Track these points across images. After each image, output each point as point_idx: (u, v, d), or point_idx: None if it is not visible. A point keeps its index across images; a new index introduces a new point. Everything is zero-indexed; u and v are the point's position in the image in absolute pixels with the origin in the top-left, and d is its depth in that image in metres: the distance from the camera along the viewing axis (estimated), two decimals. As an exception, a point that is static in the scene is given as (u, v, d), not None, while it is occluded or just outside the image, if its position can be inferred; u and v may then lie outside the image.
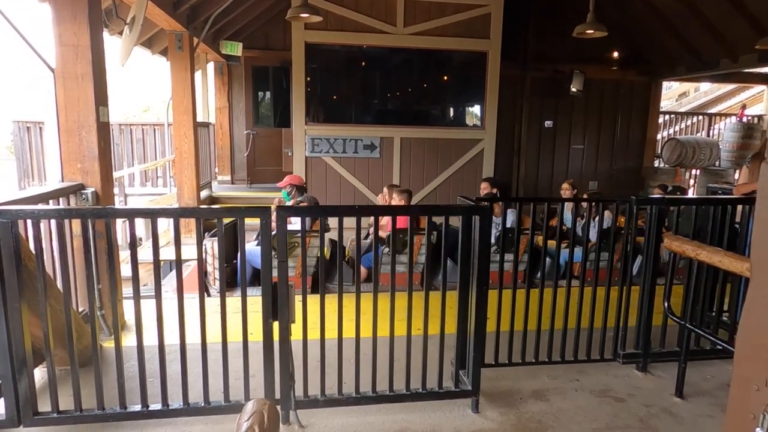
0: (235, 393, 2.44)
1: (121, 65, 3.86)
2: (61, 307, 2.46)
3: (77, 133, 3.25)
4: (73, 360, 2.32)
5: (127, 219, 2.38)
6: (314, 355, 2.44)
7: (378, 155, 7.23)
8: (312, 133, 7.04)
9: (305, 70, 6.87)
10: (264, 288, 2.33)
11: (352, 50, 7.30)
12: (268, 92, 9.45)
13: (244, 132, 9.02)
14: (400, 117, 7.58)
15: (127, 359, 2.72)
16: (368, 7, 6.88)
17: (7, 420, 2.29)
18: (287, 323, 2.37)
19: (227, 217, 2.46)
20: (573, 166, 9.48)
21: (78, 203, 3.26)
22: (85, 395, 2.35)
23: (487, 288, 2.57)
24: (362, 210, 2.44)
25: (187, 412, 2.43)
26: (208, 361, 2.38)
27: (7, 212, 2.14)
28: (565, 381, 2.94)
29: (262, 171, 8.95)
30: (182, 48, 5.97)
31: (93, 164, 3.30)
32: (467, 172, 7.42)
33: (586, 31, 5.16)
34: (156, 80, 20.11)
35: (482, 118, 7.60)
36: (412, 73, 7.66)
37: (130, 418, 2.40)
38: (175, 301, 2.34)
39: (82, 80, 3.20)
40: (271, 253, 2.32)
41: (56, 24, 3.16)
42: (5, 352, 2.21)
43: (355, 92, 7.66)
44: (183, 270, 2.61)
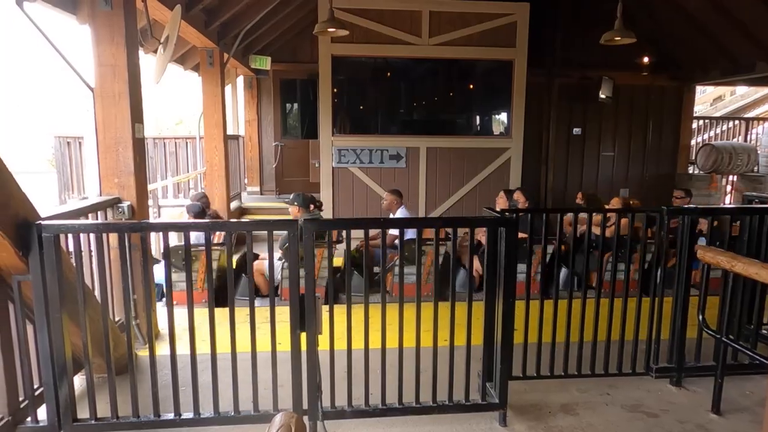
0: (264, 403, 2.49)
1: (155, 82, 4.01)
2: (99, 317, 2.55)
3: (114, 149, 3.38)
4: (110, 368, 2.41)
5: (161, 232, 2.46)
6: (341, 366, 2.47)
7: (404, 165, 7.26)
8: (339, 144, 7.12)
9: (332, 83, 6.97)
10: (291, 299, 2.37)
11: (378, 62, 7.38)
12: (296, 104, 9.62)
13: (272, 144, 9.19)
14: (426, 127, 7.60)
15: (161, 368, 2.79)
16: (393, 20, 6.95)
17: (48, 426, 2.38)
18: (314, 334, 2.41)
19: (256, 230, 2.52)
20: (603, 173, 9.31)
21: (115, 216, 3.39)
22: (120, 402, 2.43)
23: (513, 299, 2.56)
24: (387, 222, 2.46)
25: (217, 421, 2.48)
26: (238, 371, 2.44)
27: (51, 227, 2.24)
28: (595, 395, 2.88)
29: (290, 182, 9.09)
30: (213, 64, 6.14)
31: (129, 179, 3.43)
32: (494, 181, 7.37)
33: (614, 38, 5.08)
34: (188, 94, 20.68)
35: (509, 126, 7.55)
36: (438, 83, 7.69)
37: (163, 426, 2.46)
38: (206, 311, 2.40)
39: (119, 99, 3.33)
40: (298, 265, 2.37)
41: (95, 45, 3.31)
42: (47, 360, 2.32)
43: (381, 103, 7.73)
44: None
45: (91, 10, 3.29)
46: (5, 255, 2.20)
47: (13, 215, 2.16)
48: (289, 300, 2.37)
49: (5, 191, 2.14)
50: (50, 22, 3.72)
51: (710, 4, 6.95)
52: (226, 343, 2.42)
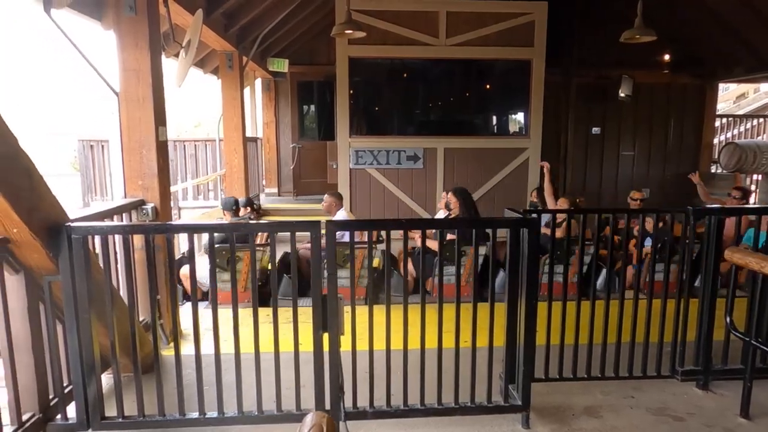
0: (287, 403, 2.51)
1: (177, 86, 4.07)
2: (125, 317, 2.60)
3: (138, 151, 3.44)
4: (137, 368, 2.45)
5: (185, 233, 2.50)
6: (363, 367, 2.48)
7: (421, 166, 7.25)
8: (356, 146, 7.14)
9: (349, 84, 7.00)
10: (314, 300, 2.39)
11: (395, 63, 7.39)
12: (313, 106, 9.67)
13: (290, 145, 9.26)
14: (443, 127, 7.59)
15: (184, 368, 2.83)
16: (410, 21, 6.95)
17: (77, 424, 2.43)
18: (336, 335, 2.42)
19: (279, 231, 2.54)
20: (623, 173, 9.19)
21: (139, 218, 3.45)
22: (146, 401, 2.47)
23: (536, 301, 2.54)
24: (410, 224, 2.47)
25: (241, 420, 2.51)
26: (261, 371, 2.46)
27: (80, 228, 2.29)
28: (619, 397, 2.85)
29: (307, 183, 9.15)
30: (232, 67, 6.22)
31: (153, 181, 3.49)
32: (512, 181, 7.32)
33: (634, 37, 5.02)
34: (207, 97, 20.94)
35: (526, 126, 7.49)
36: (455, 84, 7.66)
37: (188, 424, 2.50)
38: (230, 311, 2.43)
39: (143, 102, 3.39)
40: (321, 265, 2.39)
41: (120, 50, 3.37)
42: (76, 359, 2.37)
43: (398, 104, 7.73)
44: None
45: (115, 17, 3.35)
46: (36, 256, 2.25)
47: (44, 218, 2.22)
48: (312, 301, 2.39)
49: (36, 194, 2.19)
50: (76, 28, 3.81)
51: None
52: (249, 343, 2.44)
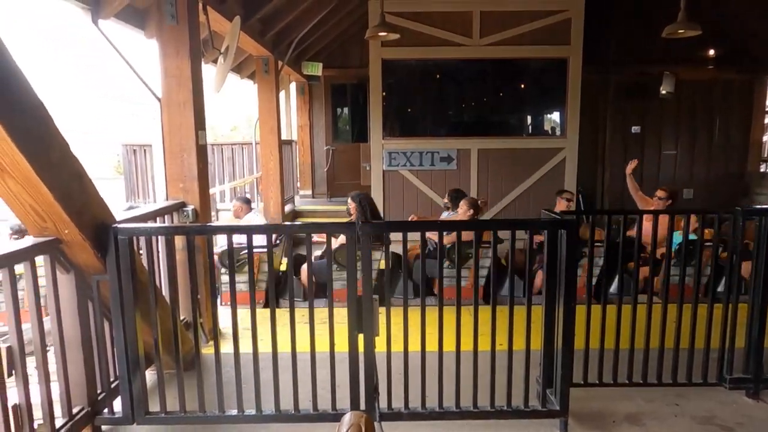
0: (323, 402, 2.53)
1: (216, 91, 4.18)
2: (167, 316, 2.69)
3: (179, 155, 3.55)
4: (179, 365, 2.52)
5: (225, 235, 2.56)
6: (397, 368, 2.48)
7: (455, 167, 7.21)
8: (389, 147, 7.16)
9: (382, 86, 7.03)
10: (349, 301, 2.41)
11: (428, 64, 7.38)
12: (346, 109, 9.77)
13: (324, 148, 9.36)
14: (476, 128, 7.52)
15: (223, 365, 2.89)
16: (444, 21, 6.93)
17: (123, 417, 2.53)
18: (372, 336, 2.43)
19: (315, 233, 2.58)
20: (664, 173, 8.88)
21: (180, 219, 3.56)
22: (186, 397, 2.54)
23: (574, 304, 2.48)
24: (444, 225, 2.46)
25: (278, 419, 2.55)
26: (297, 371, 2.50)
27: (125, 229, 2.38)
28: (662, 405, 2.75)
29: (341, 185, 9.23)
30: (268, 71, 6.34)
31: (193, 184, 3.59)
32: (548, 182, 7.19)
33: (677, 31, 4.85)
34: (242, 101, 21.45)
35: (563, 126, 7.35)
36: (489, 84, 7.59)
37: (227, 421, 2.56)
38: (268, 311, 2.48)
39: (184, 107, 3.50)
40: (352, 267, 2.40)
41: (162, 58, 3.49)
42: (122, 355, 2.46)
43: (431, 105, 7.71)
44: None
45: (158, 26, 3.47)
46: (86, 256, 2.35)
47: (93, 219, 2.31)
48: (347, 302, 2.41)
49: (86, 197, 2.29)
50: (121, 37, 3.97)
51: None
52: (284, 343, 2.48)
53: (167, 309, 2.72)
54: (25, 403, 2.10)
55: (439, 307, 2.47)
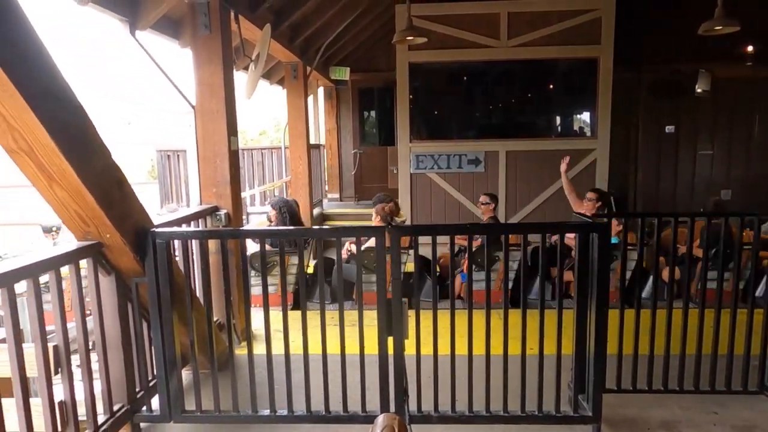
0: (353, 404, 2.56)
1: (247, 98, 4.28)
2: (202, 317, 2.77)
3: (213, 161, 3.65)
4: (214, 365, 2.60)
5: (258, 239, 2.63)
6: (427, 371, 2.49)
7: (483, 169, 7.17)
8: (416, 150, 7.18)
9: (409, 89, 7.05)
10: (379, 304, 2.44)
11: (455, 66, 7.36)
12: (373, 112, 9.83)
13: (351, 151, 9.44)
14: (504, 130, 7.47)
15: (255, 366, 2.95)
16: (471, 24, 6.91)
17: (160, 415, 2.61)
18: (401, 339, 2.45)
19: (346, 237, 2.61)
20: (700, 174, 8.63)
21: (213, 223, 3.65)
22: (220, 397, 2.61)
23: (606, 308, 2.45)
24: (474, 228, 2.46)
25: (309, 419, 2.59)
26: (328, 372, 2.54)
27: (163, 233, 2.47)
28: (699, 413, 2.68)
29: (368, 188, 9.28)
30: (297, 77, 6.44)
31: (225, 188, 3.68)
32: (578, 184, 7.04)
33: (714, 28, 4.71)
34: (270, 106, 21.82)
35: (593, 126, 7.23)
36: (517, 85, 7.53)
37: (260, 421, 2.62)
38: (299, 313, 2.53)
39: (217, 115, 3.59)
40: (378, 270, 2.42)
41: (196, 67, 3.59)
42: (160, 355, 2.54)
43: (458, 107, 7.70)
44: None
45: (192, 35, 3.58)
46: (126, 259, 2.44)
47: (133, 224, 2.41)
48: (377, 305, 2.44)
49: (126, 203, 2.39)
50: (157, 47, 4.11)
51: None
52: (315, 345, 2.52)
53: (202, 311, 2.80)
54: (71, 400, 2.19)
55: (468, 311, 2.47)
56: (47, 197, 2.13)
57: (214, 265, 3.35)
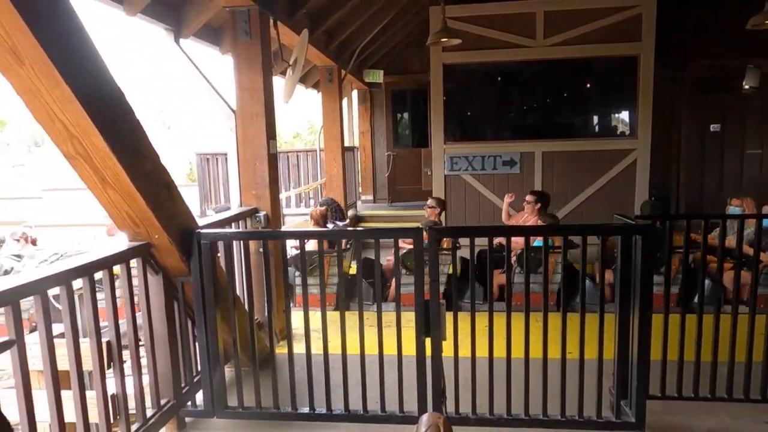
0: (390, 404, 2.59)
1: (285, 102, 4.36)
2: (243, 316, 2.85)
3: (252, 164, 3.74)
4: (255, 363, 2.67)
5: (297, 240, 2.68)
6: (465, 373, 2.49)
7: (518, 171, 7.08)
8: (451, 152, 7.15)
9: (443, 91, 7.03)
10: (416, 305, 2.45)
11: (489, 67, 7.29)
12: (407, 114, 9.85)
13: (384, 153, 9.48)
14: (540, 130, 7.35)
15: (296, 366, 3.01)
16: (506, 24, 6.83)
17: (204, 410, 2.70)
18: (439, 340, 2.46)
19: (383, 238, 2.64)
20: (748, 174, 8.26)
21: (252, 224, 3.74)
22: (255, 395, 2.67)
23: (650, 313, 2.39)
24: (511, 231, 2.45)
25: (347, 418, 2.63)
26: (366, 372, 2.56)
27: (208, 234, 2.56)
28: (750, 422, 2.58)
29: (401, 190, 9.31)
30: (332, 80, 6.52)
31: (264, 191, 3.77)
32: (618, 185, 6.90)
33: (764, 22, 4.52)
34: (303, 109, 22.15)
35: (633, 125, 7.03)
36: (553, 85, 7.39)
37: (299, 418, 2.67)
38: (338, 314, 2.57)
39: (257, 118, 3.68)
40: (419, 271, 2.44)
41: (237, 72, 3.69)
42: (204, 352, 2.63)
43: (493, 108, 7.63)
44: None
45: (233, 42, 3.68)
46: (173, 259, 2.54)
47: (179, 225, 2.50)
48: (414, 306, 2.45)
49: (174, 205, 2.48)
50: (199, 54, 4.25)
51: None
52: (353, 345, 2.56)
53: (243, 310, 2.88)
54: (122, 394, 2.29)
55: (507, 313, 2.46)
56: (101, 200, 2.24)
57: (255, 265, 3.44)
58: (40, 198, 14.00)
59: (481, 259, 4.99)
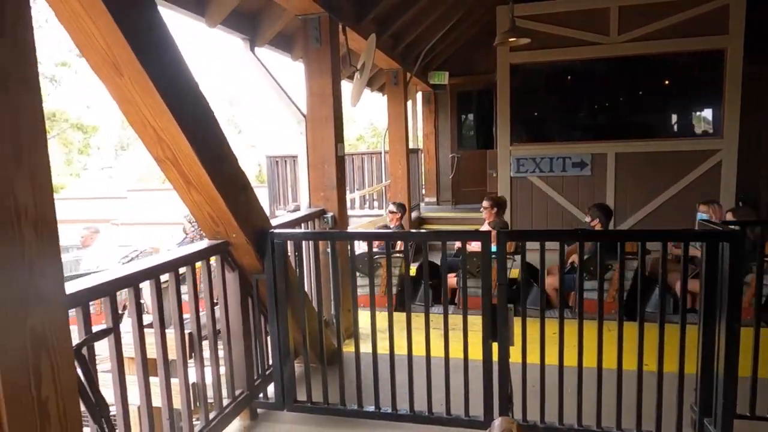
0: (456, 408, 2.58)
1: (353, 105, 4.46)
2: (312, 314, 2.94)
3: (321, 166, 3.85)
4: (323, 360, 2.75)
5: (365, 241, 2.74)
6: (533, 380, 2.43)
7: (589, 173, 6.81)
8: (517, 153, 7.00)
9: (510, 91, 6.90)
10: (484, 309, 2.43)
11: (558, 66, 7.08)
12: (471, 116, 9.75)
13: (449, 155, 9.44)
14: (613, 131, 7.03)
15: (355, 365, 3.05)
16: (577, 21, 6.60)
17: (275, 403, 2.82)
18: (506, 345, 2.42)
19: (451, 241, 2.64)
20: None
21: (320, 226, 3.85)
22: (323, 391, 2.75)
23: (739, 326, 2.23)
24: (587, 235, 2.37)
25: (412, 419, 2.65)
26: (432, 374, 2.57)
27: (281, 234, 2.67)
28: None
29: (466, 192, 9.22)
30: (397, 83, 6.58)
31: (332, 193, 3.87)
32: (699, 188, 6.46)
33: None
34: (366, 112, 22.47)
35: (718, 125, 6.57)
36: (627, 82, 7.05)
37: (365, 416, 2.71)
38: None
39: (326, 122, 3.79)
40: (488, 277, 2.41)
41: (308, 78, 3.82)
42: (276, 347, 2.74)
43: (562, 108, 7.39)
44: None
45: (304, 49, 3.81)
46: (248, 257, 2.67)
47: (255, 225, 2.62)
48: (482, 310, 2.43)
49: (250, 205, 2.61)
50: (272, 61, 4.44)
51: None
52: (417, 347, 2.57)
53: (311, 307, 2.97)
54: (202, 383, 2.44)
55: (578, 321, 2.38)
56: (186, 200, 2.40)
57: (323, 265, 3.54)
58: (125, 198, 15.12)
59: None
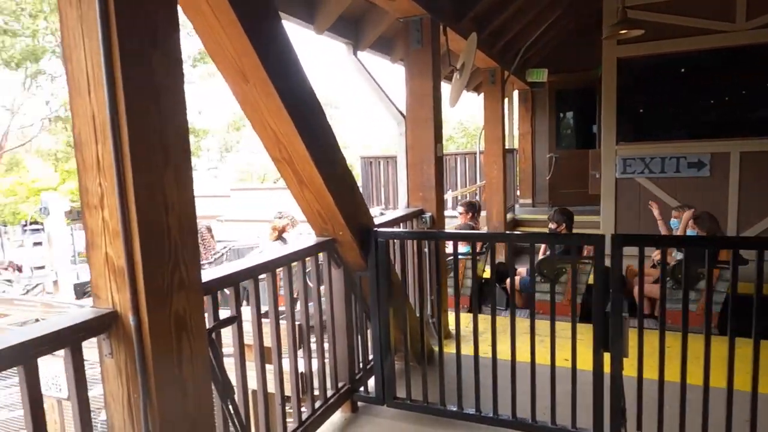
0: (561, 418, 2.47)
1: (451, 106, 4.45)
2: (411, 314, 2.97)
3: (420, 167, 3.88)
4: (423, 359, 2.77)
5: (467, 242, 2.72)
6: (650, 396, 2.27)
7: (707, 174, 6.21)
8: (623, 153, 6.56)
9: (617, 87, 6.48)
10: (595, 317, 2.31)
11: (671, 58, 6.51)
12: (570, 114, 9.30)
13: (546, 156, 9.08)
14: (738, 128, 6.33)
15: (454, 366, 3.02)
16: (696, 8, 6.04)
17: (375, 398, 2.88)
18: (620, 356, 2.28)
19: (558, 244, 2.54)
20: None
21: (419, 225, 3.88)
22: (422, 389, 2.76)
23: None
24: (692, 240, 2.16)
25: (514, 425, 2.58)
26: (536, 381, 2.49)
27: (384, 233, 2.72)
28: None
29: (564, 194, 8.81)
30: (495, 82, 6.45)
31: (430, 193, 3.88)
32: None
33: None
34: (456, 112, 22.27)
35: None
36: (755, 74, 6.32)
37: (464, 418, 2.69)
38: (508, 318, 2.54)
39: (425, 123, 3.81)
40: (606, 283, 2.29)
41: (408, 79, 3.86)
42: (377, 342, 2.81)
43: (675, 104, 6.80)
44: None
45: (405, 51, 3.86)
46: (353, 254, 2.76)
47: (360, 223, 2.70)
48: (593, 317, 2.31)
49: (356, 204, 2.70)
50: (369, 63, 4.54)
51: None
52: (521, 353, 2.50)
53: (411, 306, 3.00)
54: (309, 373, 2.56)
55: (683, 334, 2.18)
56: (298, 198, 2.53)
57: (422, 264, 3.57)
58: (228, 196, 16.29)
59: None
